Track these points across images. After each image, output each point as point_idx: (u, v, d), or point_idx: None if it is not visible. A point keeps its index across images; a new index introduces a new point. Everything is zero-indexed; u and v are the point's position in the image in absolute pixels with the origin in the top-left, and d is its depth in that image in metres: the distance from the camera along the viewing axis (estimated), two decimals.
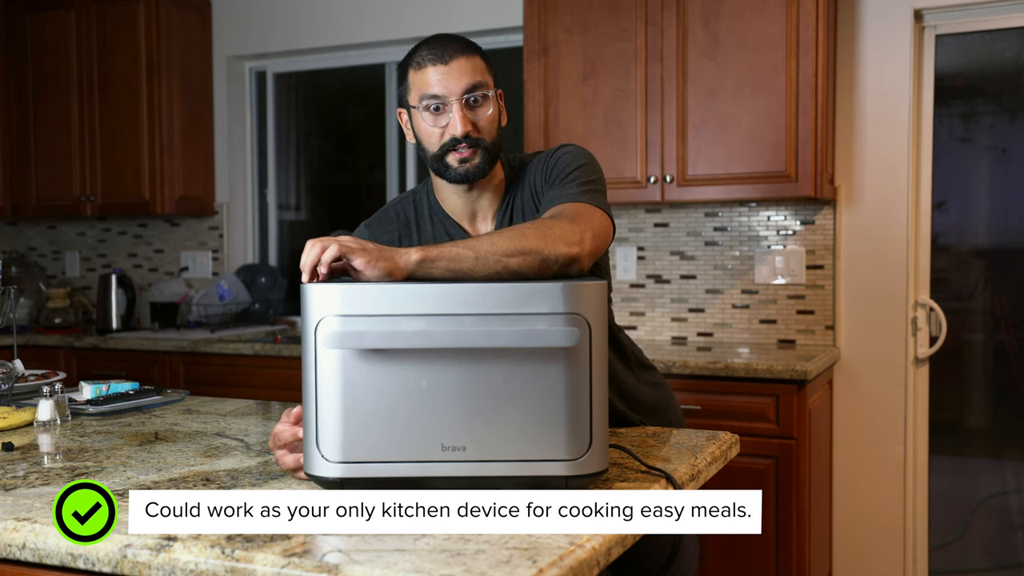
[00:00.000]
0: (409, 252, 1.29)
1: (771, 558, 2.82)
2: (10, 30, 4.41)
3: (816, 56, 2.98)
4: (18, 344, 3.53)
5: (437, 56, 1.60)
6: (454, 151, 1.61)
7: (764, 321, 3.41)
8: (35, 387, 2.10)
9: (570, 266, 1.39)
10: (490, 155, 1.63)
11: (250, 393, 3.44)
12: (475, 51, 1.63)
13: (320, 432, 1.19)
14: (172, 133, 4.16)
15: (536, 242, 1.36)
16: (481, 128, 1.61)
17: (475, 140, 1.60)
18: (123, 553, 1.07)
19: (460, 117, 1.58)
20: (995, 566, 3.31)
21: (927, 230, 3.29)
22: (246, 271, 4.29)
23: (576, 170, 1.63)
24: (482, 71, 1.62)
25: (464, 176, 1.63)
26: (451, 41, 1.62)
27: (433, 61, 1.60)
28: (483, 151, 1.61)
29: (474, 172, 1.62)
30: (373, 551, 1.01)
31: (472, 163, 1.61)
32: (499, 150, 1.66)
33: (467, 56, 1.60)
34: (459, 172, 1.62)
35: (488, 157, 1.62)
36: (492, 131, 1.63)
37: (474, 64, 1.61)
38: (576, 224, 1.44)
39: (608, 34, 3.23)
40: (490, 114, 1.62)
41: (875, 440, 3.25)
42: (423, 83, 1.60)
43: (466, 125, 1.59)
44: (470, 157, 1.61)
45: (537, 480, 1.19)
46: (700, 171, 3.14)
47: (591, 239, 1.45)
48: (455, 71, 1.59)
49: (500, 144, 1.66)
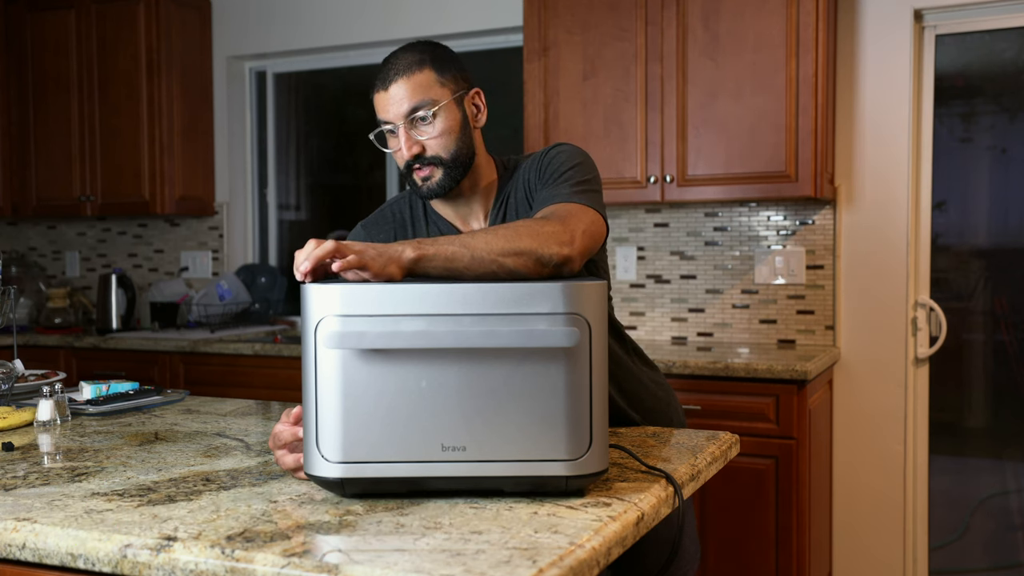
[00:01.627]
0: (405, 248, 1.28)
1: (771, 558, 2.82)
2: (10, 30, 4.41)
3: (816, 56, 2.98)
4: (18, 344, 3.53)
5: (381, 81, 1.59)
6: (414, 170, 1.62)
7: (764, 321, 3.41)
8: (35, 387, 2.10)
9: (563, 267, 1.39)
10: (450, 169, 1.61)
11: (250, 393, 3.45)
12: (423, 65, 1.59)
13: (320, 432, 1.19)
14: (172, 133, 4.16)
15: (530, 242, 1.35)
16: (430, 146, 1.59)
17: (429, 159, 1.60)
18: (123, 553, 1.07)
19: (405, 142, 1.58)
20: (995, 566, 3.31)
21: (927, 230, 3.29)
22: (246, 271, 4.29)
23: (570, 170, 1.61)
24: (427, 86, 1.58)
25: (428, 194, 1.63)
26: (398, 59, 1.60)
27: (378, 86, 1.60)
28: (442, 167, 1.60)
29: (436, 189, 1.61)
30: (373, 551, 1.01)
31: (433, 180, 1.61)
32: (467, 158, 1.63)
33: (408, 75, 1.57)
34: (423, 191, 1.63)
35: (448, 172, 1.61)
36: (448, 145, 1.60)
37: (417, 82, 1.57)
38: (567, 224, 1.43)
39: (608, 34, 3.23)
40: (439, 131, 1.59)
41: (875, 440, 3.25)
42: (377, 107, 1.62)
43: (411, 149, 1.58)
44: (429, 175, 1.61)
45: (537, 480, 1.19)
46: (700, 171, 3.14)
47: (582, 238, 1.44)
48: (395, 96, 1.58)
49: (468, 151, 1.63)
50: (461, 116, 1.63)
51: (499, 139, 4.01)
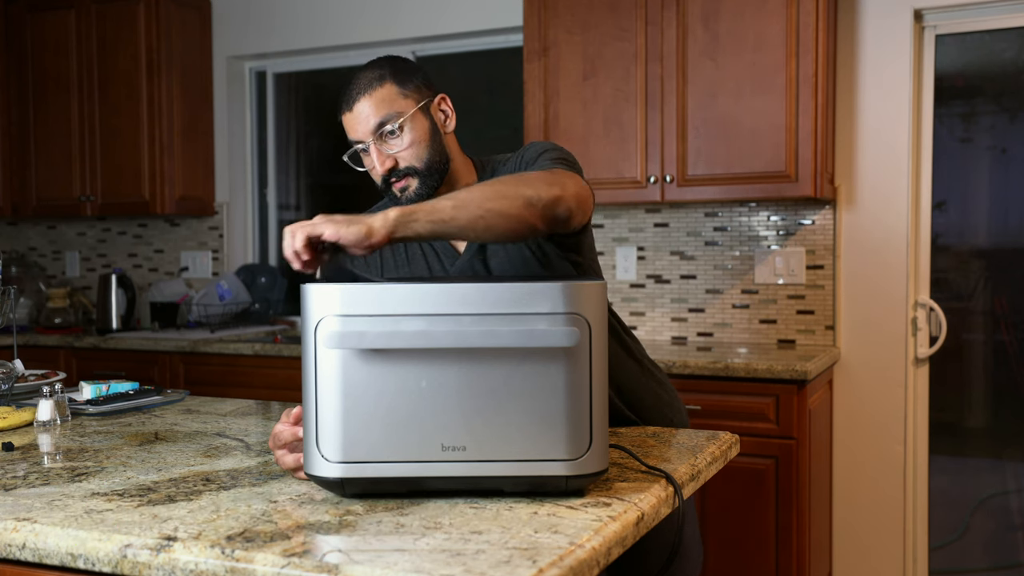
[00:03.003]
0: (387, 212, 1.28)
1: (771, 558, 2.82)
2: (10, 30, 4.41)
3: (816, 56, 2.98)
4: (18, 344, 3.53)
5: (346, 103, 1.62)
6: (391, 184, 1.64)
7: (764, 321, 3.41)
8: (35, 387, 2.10)
9: (556, 207, 1.41)
10: (426, 177, 1.63)
11: (250, 393, 3.45)
12: (384, 80, 1.61)
13: (320, 432, 1.19)
14: (172, 133, 4.16)
15: (517, 186, 1.38)
16: (402, 157, 1.62)
17: (403, 171, 1.62)
18: (123, 553, 1.07)
19: (377, 156, 1.61)
20: (995, 566, 3.31)
21: (927, 230, 3.29)
22: (246, 271, 4.29)
23: (546, 151, 1.64)
24: (391, 100, 1.60)
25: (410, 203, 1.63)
26: (359, 79, 1.63)
27: (343, 109, 1.63)
28: (417, 176, 1.63)
29: (414, 198, 1.62)
30: (373, 551, 1.01)
31: (410, 190, 1.64)
32: (442, 165, 1.65)
33: (370, 92, 1.60)
34: (403, 201, 1.64)
35: (425, 179, 1.63)
36: (420, 154, 1.62)
37: (379, 97, 1.60)
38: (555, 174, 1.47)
39: (608, 34, 3.23)
40: (409, 142, 1.61)
41: (875, 440, 3.25)
42: (347, 130, 1.64)
43: (384, 164, 1.61)
44: (406, 185, 1.63)
45: (537, 480, 1.19)
46: (700, 171, 3.14)
47: (572, 187, 1.47)
48: (359, 115, 1.60)
49: (442, 158, 1.65)
50: (429, 124, 1.64)
51: (499, 139, 4.01)
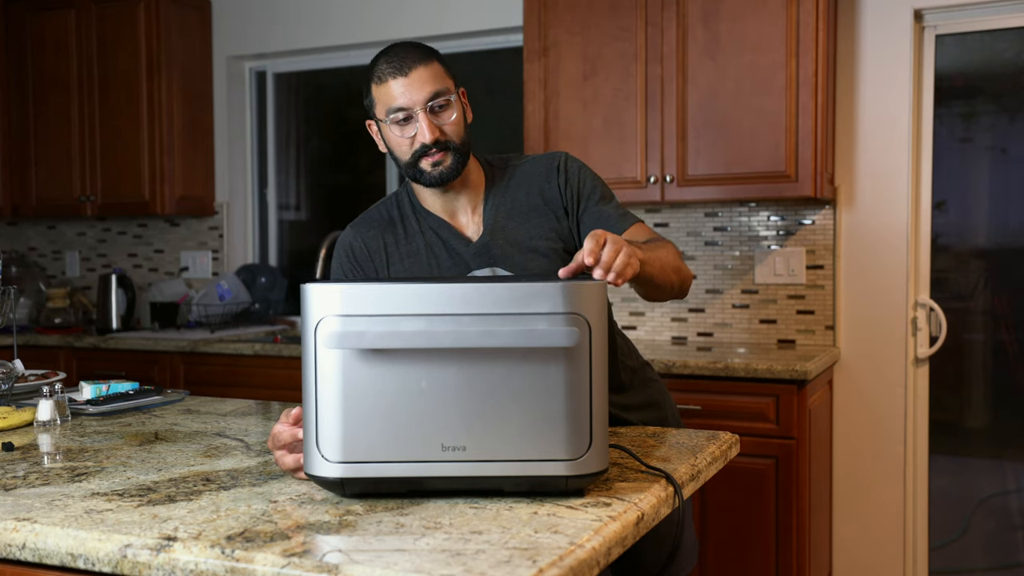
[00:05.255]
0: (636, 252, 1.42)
1: (771, 558, 2.82)
2: (10, 30, 4.41)
3: (816, 56, 2.98)
4: (18, 344, 3.53)
5: (396, 68, 1.65)
6: (426, 156, 1.67)
7: (764, 321, 3.41)
8: (35, 387, 2.10)
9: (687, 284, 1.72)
10: (461, 155, 1.69)
11: (250, 393, 3.44)
12: (432, 57, 1.67)
13: (320, 432, 1.19)
14: (172, 133, 4.16)
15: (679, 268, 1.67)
16: (448, 132, 1.67)
17: (444, 144, 1.67)
18: (123, 553, 1.07)
19: (427, 125, 1.64)
20: (995, 566, 3.31)
21: (927, 230, 3.29)
22: (246, 271, 4.29)
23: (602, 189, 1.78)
24: (442, 77, 1.67)
25: (439, 179, 1.69)
26: (408, 51, 1.67)
27: (393, 74, 1.66)
28: (453, 152, 1.68)
29: (447, 174, 1.68)
30: (373, 551, 1.01)
31: (444, 165, 1.68)
32: (469, 148, 1.73)
33: (425, 64, 1.65)
34: (433, 176, 1.69)
35: (459, 157, 1.69)
36: (459, 132, 1.69)
37: (433, 71, 1.65)
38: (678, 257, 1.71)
39: (608, 34, 3.23)
40: (455, 118, 1.68)
41: (875, 440, 3.25)
42: (387, 96, 1.67)
43: (433, 132, 1.65)
44: (442, 160, 1.67)
45: (537, 480, 1.19)
46: (700, 171, 3.14)
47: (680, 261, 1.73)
48: (416, 81, 1.64)
49: (470, 141, 1.73)
50: (463, 109, 1.72)
51: (499, 139, 4.01)
